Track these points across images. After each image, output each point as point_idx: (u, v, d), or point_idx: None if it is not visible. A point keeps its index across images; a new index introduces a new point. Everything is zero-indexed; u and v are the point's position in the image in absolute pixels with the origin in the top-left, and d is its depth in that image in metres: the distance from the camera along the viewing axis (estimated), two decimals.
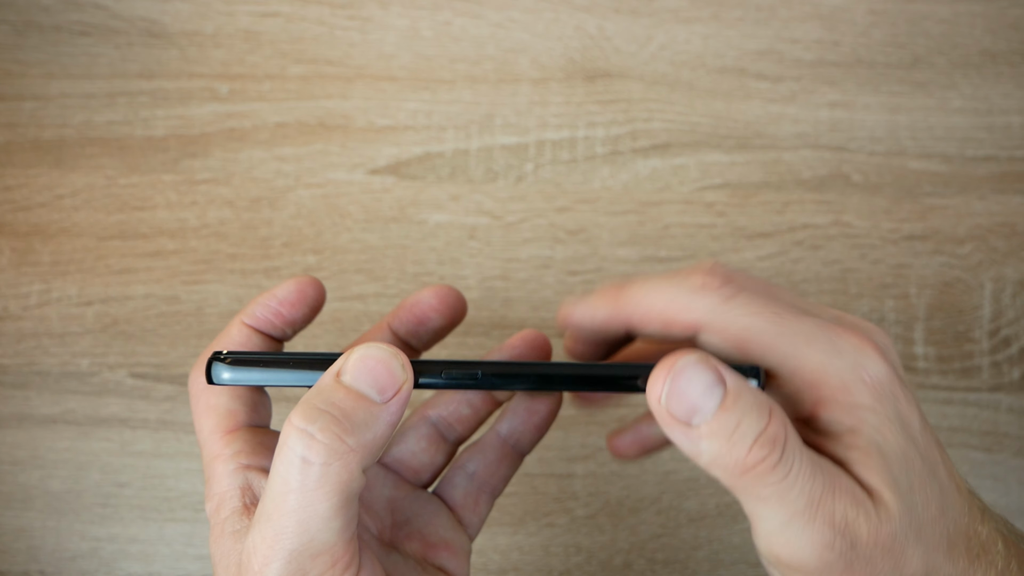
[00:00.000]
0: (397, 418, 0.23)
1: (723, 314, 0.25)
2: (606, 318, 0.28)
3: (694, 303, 0.26)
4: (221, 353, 0.27)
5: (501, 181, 0.49)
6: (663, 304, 0.26)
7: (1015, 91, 0.50)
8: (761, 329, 0.25)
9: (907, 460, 0.24)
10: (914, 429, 0.25)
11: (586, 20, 0.50)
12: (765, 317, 0.25)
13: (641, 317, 0.27)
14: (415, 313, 0.31)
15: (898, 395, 0.25)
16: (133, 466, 0.46)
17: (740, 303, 0.25)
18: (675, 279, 0.26)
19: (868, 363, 0.24)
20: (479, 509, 0.32)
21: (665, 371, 0.23)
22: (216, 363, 0.26)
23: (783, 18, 0.51)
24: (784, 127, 0.50)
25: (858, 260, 0.48)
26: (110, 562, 0.45)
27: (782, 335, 0.25)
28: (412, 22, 0.50)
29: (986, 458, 0.46)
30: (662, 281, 0.27)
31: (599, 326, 0.28)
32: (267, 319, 0.29)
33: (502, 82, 0.50)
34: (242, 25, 0.50)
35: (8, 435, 0.46)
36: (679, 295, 0.26)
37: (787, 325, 0.25)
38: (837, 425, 0.24)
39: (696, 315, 0.26)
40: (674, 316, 0.26)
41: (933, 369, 0.47)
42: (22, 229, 0.48)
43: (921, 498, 0.24)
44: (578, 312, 0.28)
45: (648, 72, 0.50)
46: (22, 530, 0.45)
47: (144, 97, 0.49)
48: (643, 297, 0.27)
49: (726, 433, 0.22)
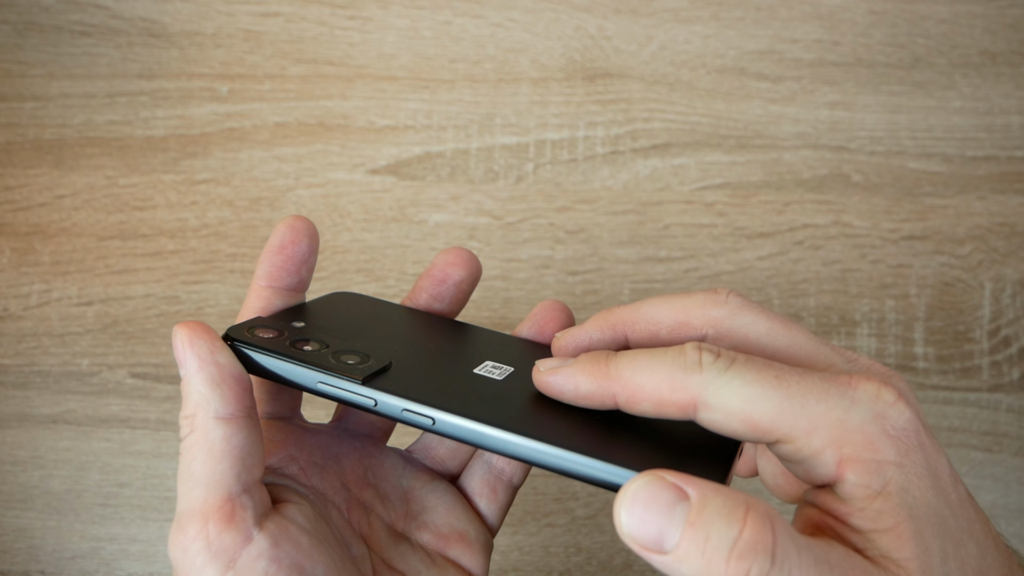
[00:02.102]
0: (205, 377, 0.26)
1: (721, 388, 0.23)
2: (590, 393, 0.26)
3: (689, 381, 0.24)
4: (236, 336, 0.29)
5: (501, 181, 0.49)
6: (655, 384, 0.24)
7: (1015, 91, 0.50)
8: (764, 396, 0.23)
9: (940, 522, 0.23)
10: (944, 481, 0.23)
11: (586, 20, 0.50)
12: (766, 383, 0.23)
13: (630, 398, 0.25)
14: (434, 275, 0.33)
15: (925, 444, 0.23)
16: (133, 466, 0.46)
17: (737, 373, 0.23)
18: (666, 357, 0.24)
19: (890, 412, 0.23)
20: (497, 498, 0.32)
21: (625, 501, 0.21)
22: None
23: (783, 18, 0.51)
24: (784, 127, 0.50)
25: (858, 260, 0.48)
26: (110, 562, 0.45)
27: (789, 398, 0.23)
28: (412, 22, 0.50)
29: (986, 458, 0.46)
30: (653, 359, 0.25)
31: (583, 400, 0.26)
32: (279, 274, 0.30)
33: (502, 82, 0.50)
34: (242, 25, 0.50)
35: (8, 435, 0.46)
36: (673, 374, 0.24)
37: (792, 386, 0.23)
38: (864, 489, 0.22)
39: (692, 394, 0.24)
40: (668, 396, 0.24)
41: (933, 369, 0.47)
42: (22, 229, 0.48)
43: (956, 564, 0.22)
44: (560, 381, 0.26)
45: (648, 72, 0.50)
46: (22, 530, 0.45)
47: (144, 97, 0.49)
48: (632, 377, 0.25)
49: (698, 551, 0.20)
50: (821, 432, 0.23)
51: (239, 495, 0.25)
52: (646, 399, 0.25)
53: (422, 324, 0.33)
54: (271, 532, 0.25)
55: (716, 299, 0.26)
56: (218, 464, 0.25)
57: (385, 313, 0.33)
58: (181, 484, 0.25)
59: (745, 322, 0.26)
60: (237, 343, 0.28)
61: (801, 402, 0.23)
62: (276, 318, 0.30)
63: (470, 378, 0.29)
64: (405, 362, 0.29)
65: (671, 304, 0.27)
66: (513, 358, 0.31)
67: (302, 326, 0.30)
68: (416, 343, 0.31)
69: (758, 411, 0.23)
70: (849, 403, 0.23)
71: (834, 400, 0.23)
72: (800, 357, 0.26)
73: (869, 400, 0.23)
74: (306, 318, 0.31)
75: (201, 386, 0.26)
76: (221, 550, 0.25)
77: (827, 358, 0.26)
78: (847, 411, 0.23)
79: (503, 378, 0.29)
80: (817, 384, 0.23)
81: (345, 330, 0.31)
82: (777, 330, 0.26)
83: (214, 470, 0.25)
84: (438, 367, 0.30)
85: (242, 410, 0.26)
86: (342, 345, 0.29)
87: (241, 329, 0.29)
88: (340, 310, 0.33)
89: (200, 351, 0.26)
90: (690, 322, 0.27)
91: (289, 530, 0.26)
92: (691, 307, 0.27)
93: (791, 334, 0.26)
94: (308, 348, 0.29)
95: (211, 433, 0.25)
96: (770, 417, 0.23)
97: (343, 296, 0.34)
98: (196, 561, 0.25)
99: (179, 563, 0.25)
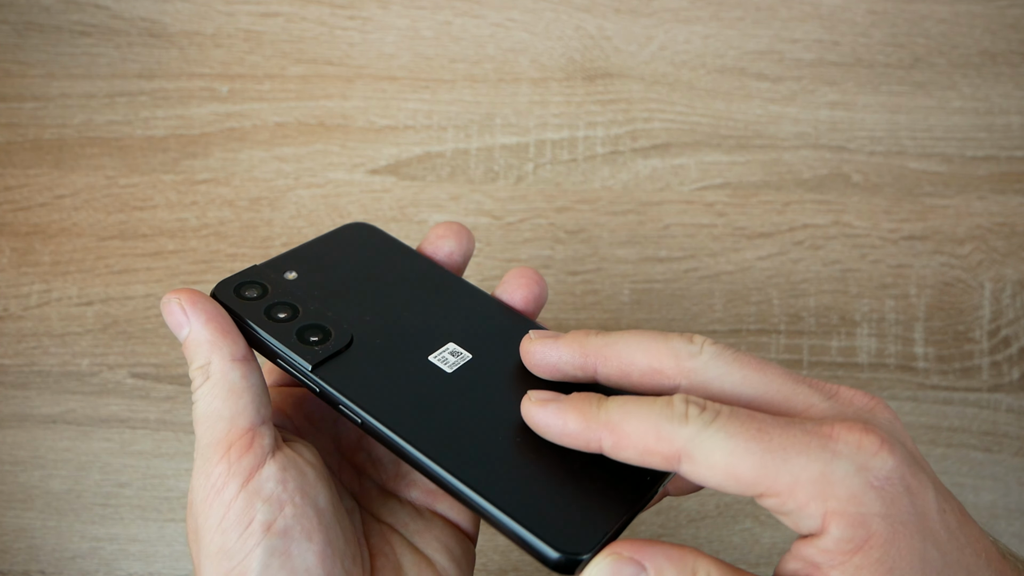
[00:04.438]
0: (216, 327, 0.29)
1: (705, 442, 0.24)
2: (576, 433, 0.26)
3: (675, 433, 0.24)
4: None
5: (501, 181, 0.49)
6: (642, 433, 0.25)
7: (1015, 91, 0.50)
8: (747, 451, 0.23)
9: (925, 565, 0.23)
10: (932, 520, 0.23)
11: (586, 20, 0.50)
12: (748, 436, 0.24)
13: (615, 444, 0.25)
14: (425, 247, 0.34)
15: (911, 487, 0.23)
16: (133, 466, 0.46)
17: (720, 427, 0.24)
18: (655, 407, 0.25)
19: (873, 463, 0.23)
20: None
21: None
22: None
23: (783, 18, 0.51)
24: (784, 127, 0.50)
25: (858, 260, 0.48)
26: (110, 562, 0.45)
27: (770, 451, 0.23)
28: (412, 22, 0.50)
29: (986, 458, 0.46)
30: (642, 408, 0.25)
31: (566, 439, 0.27)
32: None
33: (502, 82, 0.50)
34: (242, 25, 0.50)
35: (8, 435, 0.46)
36: (660, 424, 0.24)
37: (774, 439, 0.23)
38: (847, 543, 0.23)
39: (677, 446, 0.24)
40: (654, 446, 0.25)
41: (933, 369, 0.47)
42: (22, 229, 0.48)
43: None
44: (548, 416, 0.27)
45: (648, 72, 0.50)
46: (22, 530, 0.45)
47: (144, 97, 0.49)
48: (620, 423, 0.25)
49: None
50: (805, 486, 0.23)
51: (258, 426, 0.28)
52: (632, 447, 0.25)
53: (412, 279, 0.33)
54: (280, 459, 0.28)
55: (690, 350, 0.26)
56: (239, 399, 0.28)
57: (383, 260, 0.34)
58: (202, 423, 0.28)
59: (719, 373, 0.26)
60: (220, 298, 0.30)
61: (783, 456, 0.23)
62: (272, 266, 0.32)
63: (420, 369, 0.30)
64: (366, 340, 0.30)
65: (646, 348, 0.27)
66: (479, 339, 0.31)
67: (293, 278, 0.32)
68: (391, 309, 0.32)
69: (741, 465, 0.23)
70: (831, 456, 0.23)
71: (816, 453, 0.23)
72: (777, 401, 0.26)
73: (851, 452, 0.23)
74: (303, 266, 0.33)
75: (213, 335, 0.29)
76: (239, 472, 0.27)
77: (805, 399, 0.26)
78: (829, 464, 0.23)
79: (453, 370, 0.30)
80: (799, 437, 0.23)
81: (330, 287, 0.32)
82: (751, 377, 0.26)
83: (236, 404, 0.28)
84: (396, 348, 0.30)
85: (251, 355, 0.29)
86: (313, 315, 0.31)
87: (228, 287, 0.31)
88: (342, 253, 0.33)
89: (206, 307, 0.29)
90: (664, 371, 0.27)
91: (296, 461, 0.28)
92: (665, 355, 0.26)
93: (766, 379, 0.26)
94: (281, 316, 0.31)
95: (230, 374, 0.28)
96: (753, 471, 0.23)
97: (356, 231, 0.35)
98: (216, 483, 0.27)
99: (200, 488, 0.28)
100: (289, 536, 0.27)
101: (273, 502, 0.27)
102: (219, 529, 0.27)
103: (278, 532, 0.27)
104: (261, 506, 0.27)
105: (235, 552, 0.27)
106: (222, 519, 0.27)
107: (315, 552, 0.27)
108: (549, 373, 0.29)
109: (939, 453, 0.46)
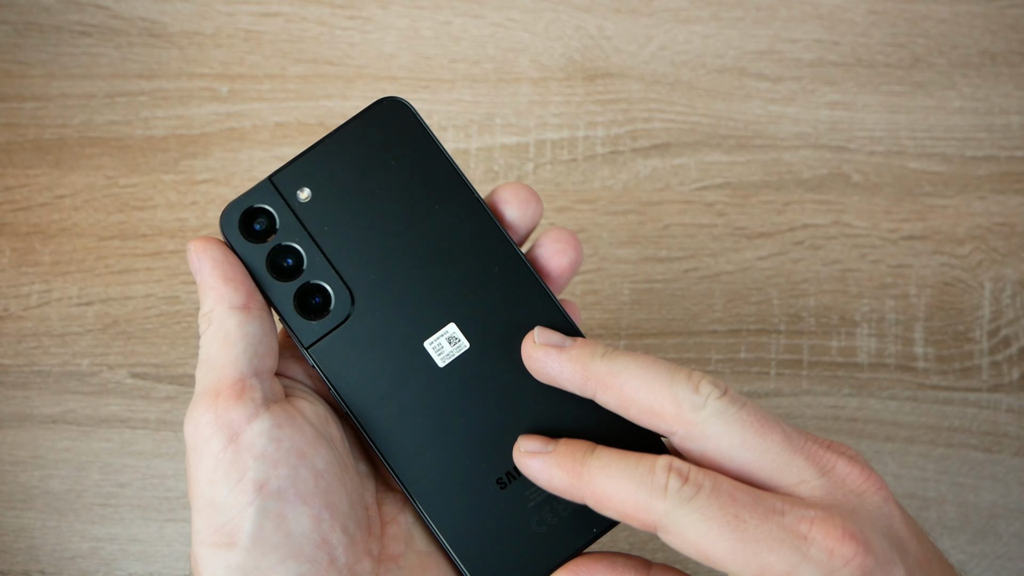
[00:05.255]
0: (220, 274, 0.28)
1: (681, 519, 0.25)
2: (562, 489, 0.27)
3: (653, 505, 0.25)
4: None
5: (501, 181, 0.49)
6: (622, 498, 0.25)
7: (1015, 91, 0.50)
8: (720, 536, 0.24)
9: None
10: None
11: (586, 20, 0.50)
12: (724, 523, 0.24)
13: (597, 504, 0.26)
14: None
15: (888, 571, 0.24)
16: (133, 466, 0.46)
17: (698, 507, 0.24)
18: (636, 472, 0.25)
19: (840, 573, 0.24)
20: None
21: None
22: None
23: (783, 18, 0.51)
24: (784, 127, 0.50)
25: (858, 260, 0.48)
26: (110, 562, 0.45)
27: (742, 541, 0.24)
28: (412, 22, 0.50)
29: (986, 458, 0.46)
30: (624, 472, 0.26)
31: (555, 491, 0.27)
32: None
33: (502, 82, 0.50)
34: (242, 25, 0.50)
35: (8, 435, 0.46)
36: (639, 494, 0.25)
37: (748, 531, 0.24)
38: None
39: (654, 518, 0.25)
40: (632, 514, 0.25)
41: (933, 369, 0.47)
42: (22, 229, 0.48)
43: None
44: (536, 469, 0.27)
45: (648, 72, 0.50)
46: (22, 530, 0.45)
47: (144, 97, 0.49)
48: (602, 486, 0.26)
49: None
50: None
51: (249, 377, 0.27)
52: (612, 510, 0.26)
53: (435, 214, 0.30)
54: (276, 414, 0.27)
55: (694, 401, 0.26)
56: (232, 348, 0.27)
57: (409, 176, 0.30)
58: (199, 371, 0.28)
59: (717, 432, 0.26)
60: (226, 235, 0.29)
61: (754, 548, 0.24)
62: (287, 178, 0.29)
63: (412, 358, 0.29)
64: (365, 310, 0.29)
65: (650, 386, 0.26)
66: (484, 322, 0.30)
67: (305, 200, 0.29)
68: (401, 261, 0.29)
69: (712, 548, 0.24)
70: (800, 558, 0.24)
71: (786, 553, 0.24)
72: (769, 471, 0.26)
73: (821, 558, 0.24)
74: (319, 179, 0.29)
75: (215, 282, 0.28)
76: (227, 424, 0.26)
77: (798, 474, 0.26)
78: (796, 567, 0.24)
79: (445, 364, 0.29)
80: (773, 532, 0.24)
81: (342, 217, 0.29)
82: (749, 442, 0.26)
83: (228, 352, 0.27)
84: (394, 324, 0.29)
85: (256, 304, 0.28)
86: (316, 270, 0.29)
87: (234, 215, 0.30)
88: (364, 160, 0.30)
89: (214, 254, 0.29)
90: (663, 415, 0.26)
91: (295, 417, 0.28)
92: (667, 401, 0.26)
93: (764, 445, 0.26)
94: (284, 267, 0.29)
95: (227, 322, 0.28)
96: (722, 555, 0.24)
97: (389, 118, 0.30)
98: (204, 433, 0.27)
99: (190, 436, 0.27)
100: (283, 498, 0.26)
101: (266, 460, 0.26)
102: (208, 482, 0.26)
103: (272, 493, 0.26)
104: (252, 463, 0.26)
105: (225, 507, 0.26)
106: (212, 471, 0.26)
107: (310, 516, 0.26)
108: (547, 382, 0.28)
109: (939, 453, 0.46)
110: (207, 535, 0.26)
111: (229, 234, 0.30)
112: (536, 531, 0.29)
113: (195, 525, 0.27)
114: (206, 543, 0.26)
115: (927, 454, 0.46)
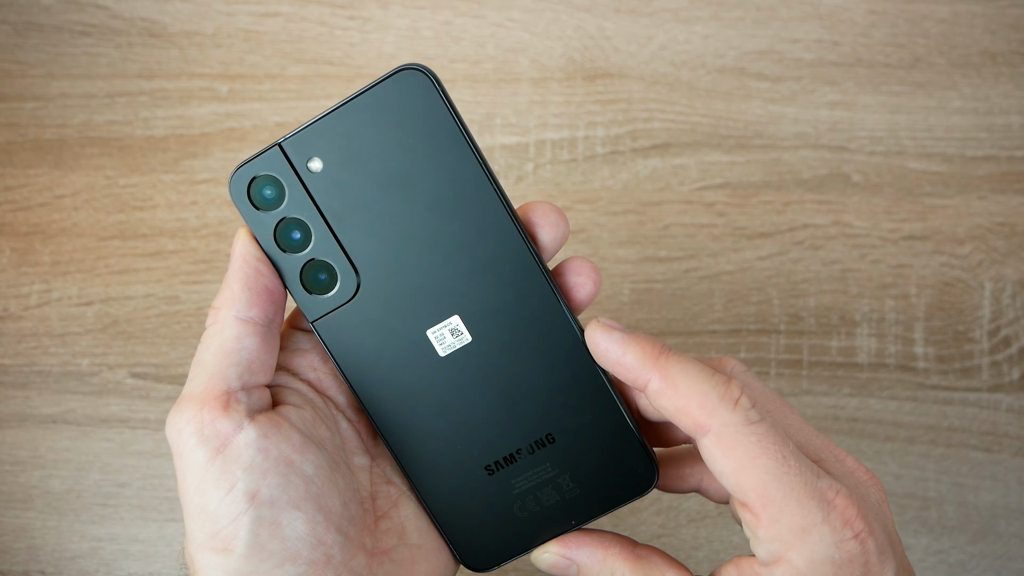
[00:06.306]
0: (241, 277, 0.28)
1: (736, 433, 0.25)
2: (631, 366, 0.27)
3: (719, 410, 0.26)
4: None
5: (501, 181, 0.49)
6: (690, 392, 0.26)
7: (1015, 91, 0.50)
8: (764, 468, 0.25)
9: None
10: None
11: (586, 20, 0.50)
12: (772, 454, 0.25)
13: (659, 390, 0.27)
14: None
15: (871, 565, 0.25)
16: (133, 466, 0.46)
17: (758, 431, 0.25)
18: (713, 379, 0.26)
19: (847, 544, 0.25)
20: None
21: None
22: None
23: (783, 18, 0.51)
24: (784, 127, 0.50)
25: (858, 260, 0.48)
26: (110, 562, 0.45)
27: (778, 480, 0.25)
28: (412, 22, 0.50)
29: (986, 458, 0.46)
30: (701, 373, 0.26)
31: (618, 369, 0.27)
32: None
33: (502, 82, 0.50)
34: (242, 25, 0.50)
35: (8, 435, 0.46)
36: (711, 394, 0.26)
37: (787, 473, 0.25)
38: None
39: (712, 423, 0.26)
40: (692, 410, 0.26)
41: (933, 369, 0.47)
42: (22, 229, 0.48)
43: None
44: (612, 342, 0.28)
45: (648, 72, 0.50)
46: (22, 530, 0.45)
47: (144, 97, 0.49)
48: (676, 374, 0.26)
49: None
50: (782, 526, 0.25)
51: (237, 391, 0.27)
52: (673, 401, 0.26)
53: (450, 200, 0.28)
54: (262, 425, 0.27)
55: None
56: (225, 359, 0.27)
57: (425, 153, 0.28)
58: (192, 369, 0.28)
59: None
60: (234, 200, 0.29)
61: (785, 492, 0.25)
62: (299, 145, 0.28)
63: (414, 344, 0.29)
64: (371, 289, 0.29)
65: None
66: (487, 319, 0.29)
67: (316, 170, 0.28)
68: (410, 243, 0.28)
69: (748, 475, 0.25)
70: (821, 519, 0.25)
71: (811, 509, 0.25)
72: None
73: (837, 524, 0.25)
74: (332, 148, 0.28)
75: (233, 283, 0.28)
76: (213, 435, 0.26)
77: (817, 452, 0.28)
78: (814, 525, 0.25)
79: (446, 354, 0.29)
80: (808, 487, 0.25)
81: (353, 192, 0.28)
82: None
83: (220, 363, 0.27)
84: (399, 308, 0.29)
85: (262, 318, 0.28)
86: (323, 248, 0.28)
87: (243, 181, 0.28)
88: (380, 131, 0.28)
89: (247, 251, 0.28)
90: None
91: (281, 426, 0.27)
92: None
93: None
94: (291, 240, 0.29)
95: (227, 330, 0.27)
96: (752, 485, 0.25)
97: (408, 89, 0.28)
98: (188, 442, 0.27)
99: (174, 442, 0.27)
100: (277, 506, 0.26)
101: (254, 471, 0.26)
102: (198, 491, 0.26)
103: (265, 502, 0.26)
104: (241, 474, 0.26)
105: (218, 516, 0.26)
106: (200, 481, 0.26)
107: (304, 520, 0.27)
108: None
109: (939, 453, 0.46)
110: (202, 539, 0.27)
111: (237, 200, 0.29)
112: (518, 516, 0.30)
113: (188, 527, 0.27)
114: (203, 547, 0.27)
115: (927, 454, 0.46)
